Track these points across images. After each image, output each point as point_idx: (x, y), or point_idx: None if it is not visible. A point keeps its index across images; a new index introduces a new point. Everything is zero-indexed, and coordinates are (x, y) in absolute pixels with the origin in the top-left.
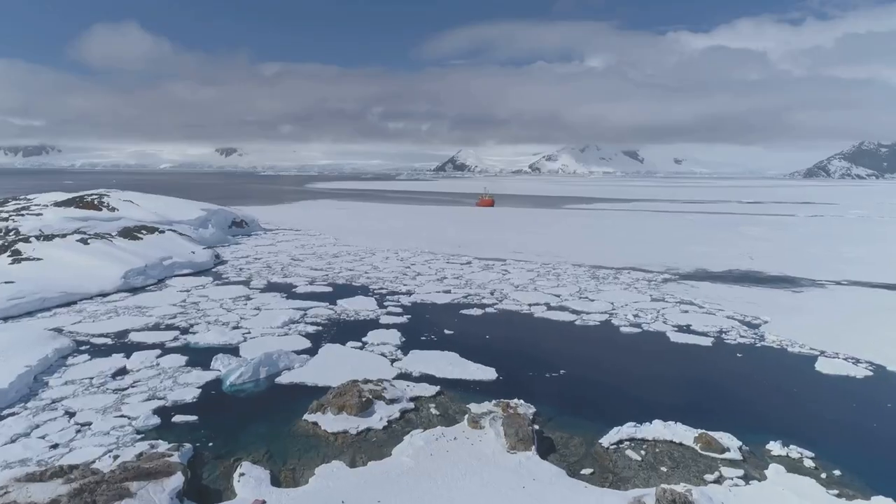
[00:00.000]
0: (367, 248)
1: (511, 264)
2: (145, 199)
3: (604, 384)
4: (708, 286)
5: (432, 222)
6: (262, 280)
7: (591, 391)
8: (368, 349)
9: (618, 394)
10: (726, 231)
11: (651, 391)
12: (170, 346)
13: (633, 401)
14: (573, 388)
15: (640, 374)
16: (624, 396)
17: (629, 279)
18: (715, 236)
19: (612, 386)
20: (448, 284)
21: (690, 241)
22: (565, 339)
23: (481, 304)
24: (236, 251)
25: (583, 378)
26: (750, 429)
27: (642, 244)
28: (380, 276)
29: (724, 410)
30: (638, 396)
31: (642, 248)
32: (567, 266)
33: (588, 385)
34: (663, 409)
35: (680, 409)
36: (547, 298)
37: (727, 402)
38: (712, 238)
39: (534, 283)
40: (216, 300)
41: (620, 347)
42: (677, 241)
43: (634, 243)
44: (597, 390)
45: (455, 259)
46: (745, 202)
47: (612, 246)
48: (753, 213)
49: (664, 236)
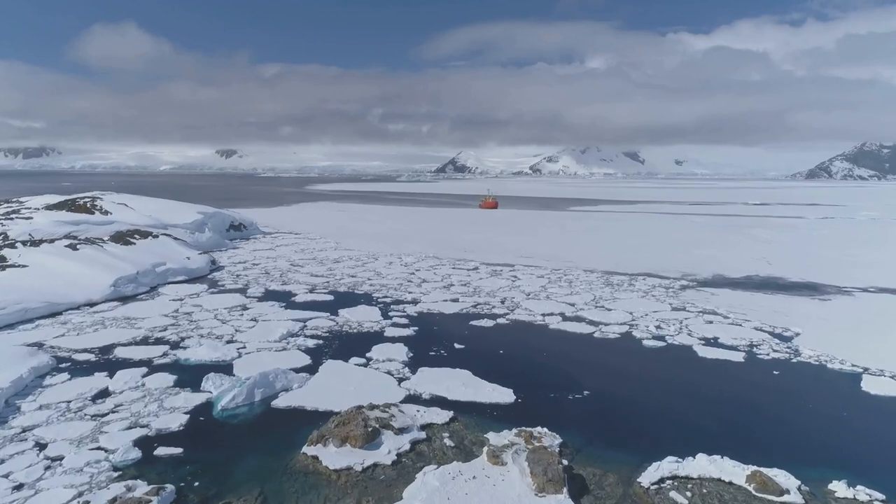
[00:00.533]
0: (370, 253)
1: (520, 270)
2: (140, 201)
3: (633, 408)
4: (728, 293)
5: (436, 225)
6: (260, 288)
7: (621, 417)
8: (373, 366)
9: (651, 420)
10: (737, 234)
11: (687, 417)
12: (158, 364)
13: (670, 429)
14: (600, 413)
15: (672, 396)
16: (658, 423)
17: (645, 286)
18: (726, 239)
19: (644, 410)
20: (455, 292)
21: (702, 244)
22: (585, 354)
23: (492, 314)
24: (233, 256)
25: (609, 400)
26: (806, 464)
27: (654, 248)
28: (383, 283)
29: (774, 441)
30: (674, 423)
31: (654, 253)
32: (578, 272)
33: (616, 409)
34: (704, 439)
35: (723, 440)
36: (561, 308)
37: (774, 430)
38: (724, 241)
39: (545, 290)
40: (210, 310)
41: (646, 364)
42: (689, 245)
43: (645, 247)
44: (627, 416)
45: (461, 264)
46: (752, 203)
47: (622, 250)
48: (761, 214)
49: (675, 239)
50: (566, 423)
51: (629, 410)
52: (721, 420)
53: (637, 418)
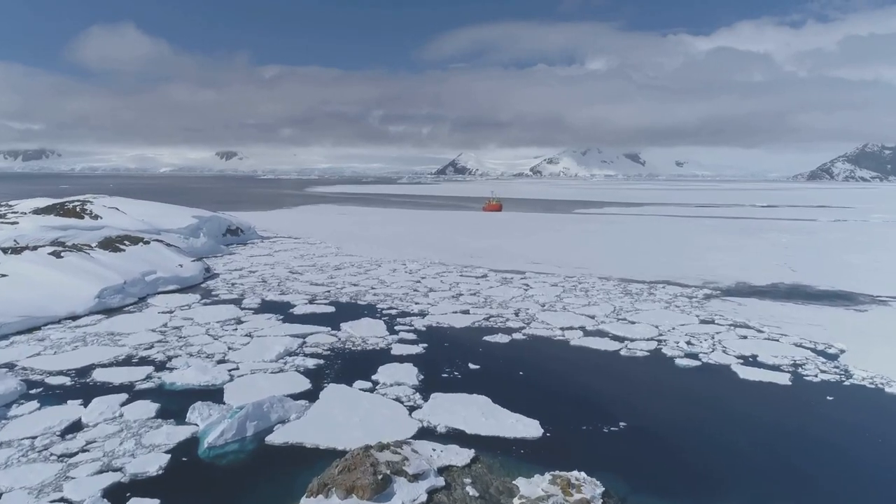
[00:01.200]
0: (372, 259)
1: (531, 277)
2: (133, 205)
3: (678, 445)
4: (757, 304)
5: (439, 229)
6: (256, 298)
7: (666, 456)
8: (380, 391)
9: (700, 459)
10: (751, 237)
11: (740, 455)
12: (140, 389)
13: (722, 470)
14: (642, 451)
15: (718, 429)
16: (709, 463)
17: (666, 295)
18: (742, 243)
19: (690, 447)
20: (465, 303)
21: (718, 248)
22: (614, 375)
23: (506, 329)
24: (229, 263)
25: (650, 434)
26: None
27: (669, 253)
28: (388, 293)
29: (839, 486)
30: (726, 463)
31: (670, 258)
32: (593, 279)
33: (660, 446)
34: (764, 483)
35: (785, 485)
36: (580, 320)
37: (838, 471)
38: (740, 245)
39: (561, 300)
40: (202, 324)
41: (682, 388)
42: (704, 250)
43: (660, 252)
44: (673, 454)
45: (469, 271)
46: (759, 205)
47: (636, 255)
48: (771, 217)
49: (689, 244)
50: (604, 464)
51: (674, 448)
52: (778, 459)
53: (685, 458)
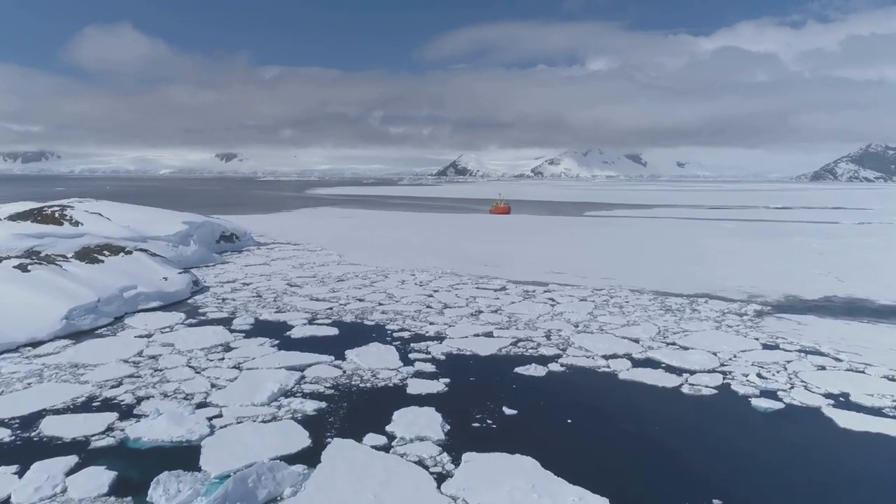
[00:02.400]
0: (378, 268)
1: (556, 290)
2: (120, 210)
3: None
4: (818, 323)
5: (447, 233)
6: (249, 317)
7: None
8: (398, 449)
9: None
10: (778, 242)
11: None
12: (95, 448)
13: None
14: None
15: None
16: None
17: (711, 312)
18: (772, 249)
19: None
20: (486, 322)
21: (749, 255)
22: (684, 424)
23: (540, 357)
24: (221, 273)
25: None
26: None
27: (699, 261)
28: (398, 310)
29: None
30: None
31: (703, 267)
32: (625, 292)
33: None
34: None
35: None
36: (623, 345)
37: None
38: (772, 252)
39: (595, 318)
40: (183, 352)
41: (773, 443)
42: (734, 256)
43: (690, 260)
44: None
45: (485, 283)
46: (773, 207)
47: (663, 263)
48: (791, 220)
49: (714, 250)
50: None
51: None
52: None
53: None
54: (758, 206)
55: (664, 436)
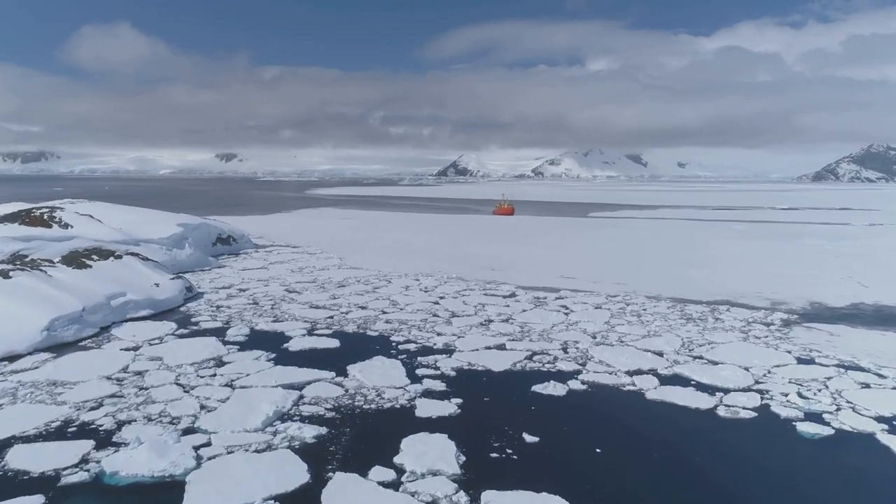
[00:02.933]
0: (380, 273)
1: (568, 297)
2: (113, 211)
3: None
4: (850, 332)
5: (450, 235)
6: (244, 327)
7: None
8: (408, 485)
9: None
10: (791, 244)
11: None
12: (65, 485)
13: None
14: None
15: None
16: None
17: (735, 321)
18: (787, 252)
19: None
20: (497, 333)
21: (766, 259)
22: (722, 452)
23: (558, 373)
24: (217, 279)
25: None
26: None
27: (714, 265)
28: (402, 319)
29: None
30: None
31: (718, 272)
32: (641, 299)
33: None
34: None
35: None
36: (647, 360)
37: None
38: (787, 255)
39: (612, 328)
40: (172, 367)
41: (826, 474)
42: (748, 260)
43: (704, 264)
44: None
45: (494, 288)
46: (780, 208)
47: (678, 268)
48: (800, 221)
49: (728, 253)
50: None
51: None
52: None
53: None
54: (763, 207)
55: (704, 467)
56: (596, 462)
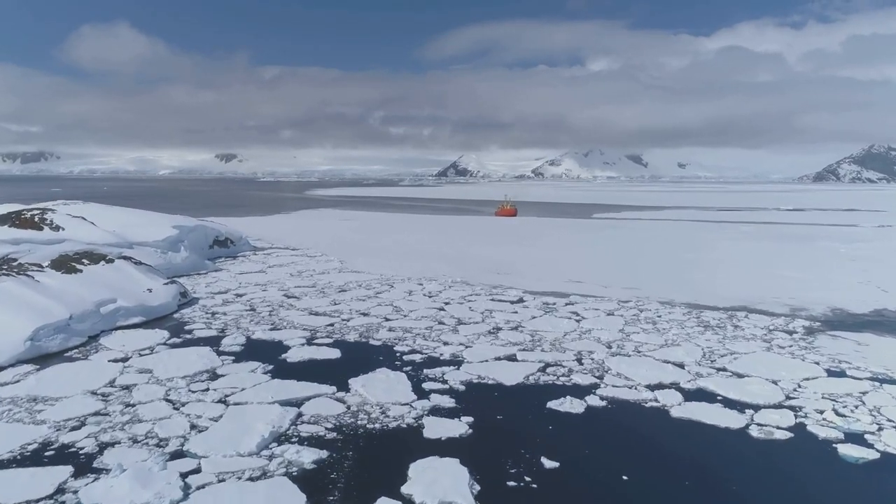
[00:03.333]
0: (382, 276)
1: (579, 302)
2: (106, 213)
3: None
4: (878, 341)
5: (453, 237)
6: (240, 336)
7: None
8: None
9: None
10: (804, 246)
11: None
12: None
13: None
14: None
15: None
16: None
17: (757, 329)
18: (801, 256)
19: None
20: (507, 342)
21: (779, 262)
22: (760, 480)
23: (574, 387)
24: (213, 283)
25: None
26: None
27: (725, 267)
28: (406, 327)
29: None
30: None
31: (730, 274)
32: (654, 305)
33: None
34: None
35: None
36: (667, 372)
37: None
38: (801, 258)
39: (627, 337)
40: (162, 381)
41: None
42: (765, 263)
43: (714, 266)
44: None
45: (500, 293)
46: (786, 209)
47: (688, 271)
48: (808, 222)
49: (740, 255)
50: None
51: None
52: None
53: None
54: (768, 208)
55: (742, 496)
56: (622, 491)
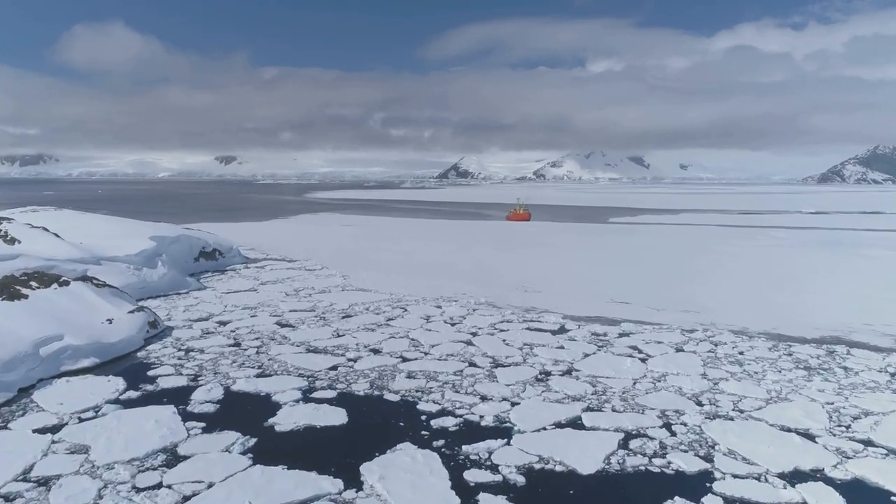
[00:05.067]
0: (392, 297)
1: (634, 332)
2: (78, 221)
3: None
4: None
5: (466, 246)
6: (216, 387)
7: None
8: None
9: None
10: (857, 256)
11: None
12: None
13: None
14: None
15: None
16: None
17: (871, 371)
18: (858, 267)
19: None
20: (563, 394)
21: (840, 276)
22: None
23: (678, 477)
24: (193, 306)
25: None
26: None
27: (782, 283)
28: (430, 371)
29: None
30: None
31: (796, 294)
32: (727, 335)
33: None
34: None
35: None
36: (797, 449)
37: None
38: (862, 271)
39: (716, 386)
40: (97, 470)
41: None
42: (827, 278)
43: (770, 282)
44: None
45: (536, 319)
46: (807, 212)
47: (748, 288)
48: (842, 227)
49: (792, 267)
50: None
51: None
52: None
53: None
54: (789, 211)
55: None
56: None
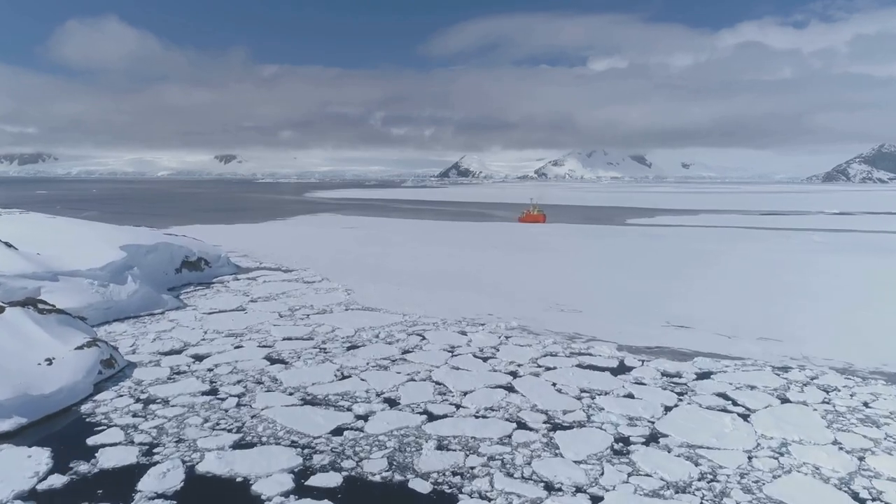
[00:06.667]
0: (406, 319)
1: (715, 371)
2: (44, 227)
3: None
4: None
5: (481, 252)
6: (174, 471)
7: None
8: None
9: None
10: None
11: None
12: None
13: None
14: None
15: None
16: None
17: None
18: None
19: None
20: (659, 480)
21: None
22: None
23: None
24: (166, 332)
25: None
26: None
27: (856, 302)
28: (467, 439)
29: None
30: None
31: (883, 314)
32: (832, 375)
33: None
34: None
35: None
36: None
37: None
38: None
39: (864, 464)
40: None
41: None
42: (890, 292)
43: (844, 298)
44: None
45: (584, 351)
46: (831, 213)
47: (832, 310)
48: (872, 229)
49: (854, 279)
50: None
51: None
52: None
53: None
54: (812, 212)
55: None
56: None
